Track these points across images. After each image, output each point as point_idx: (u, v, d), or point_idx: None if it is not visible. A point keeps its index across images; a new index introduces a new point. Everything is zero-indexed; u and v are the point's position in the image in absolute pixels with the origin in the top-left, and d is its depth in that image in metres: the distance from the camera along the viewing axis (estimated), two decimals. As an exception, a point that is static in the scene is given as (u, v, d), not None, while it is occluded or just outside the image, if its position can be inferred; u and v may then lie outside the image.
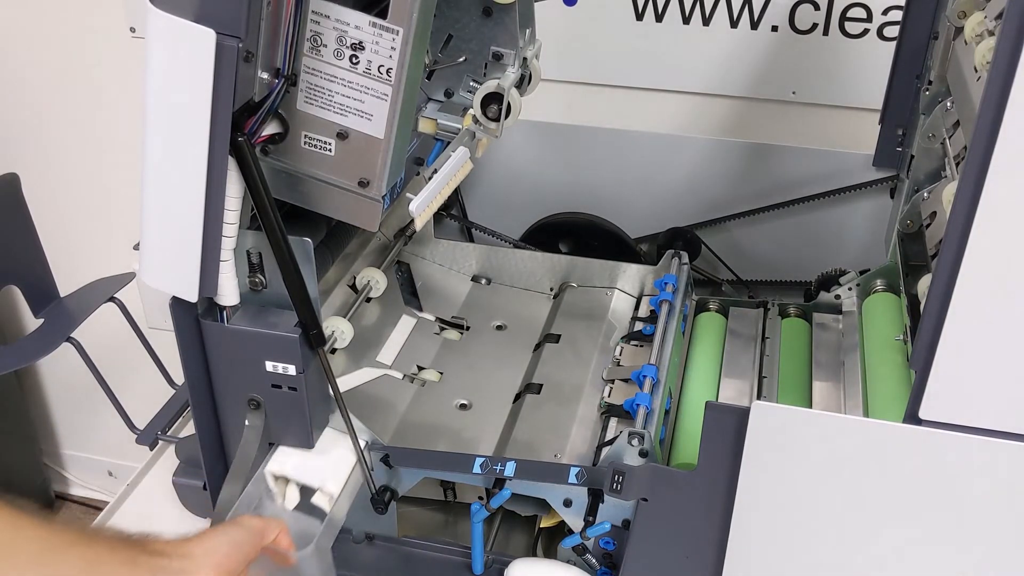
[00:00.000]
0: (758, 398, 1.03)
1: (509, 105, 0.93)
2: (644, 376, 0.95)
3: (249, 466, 0.86)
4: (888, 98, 1.16)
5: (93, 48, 1.73)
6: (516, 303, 1.22)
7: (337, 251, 1.06)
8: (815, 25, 1.41)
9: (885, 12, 1.37)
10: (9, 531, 0.60)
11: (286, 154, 0.80)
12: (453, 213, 1.34)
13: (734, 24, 1.43)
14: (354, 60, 0.77)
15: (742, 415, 0.73)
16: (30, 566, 0.60)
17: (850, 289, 1.14)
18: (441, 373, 1.09)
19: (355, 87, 0.78)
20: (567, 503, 0.86)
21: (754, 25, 1.43)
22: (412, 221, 0.86)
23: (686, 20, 1.45)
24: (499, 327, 1.18)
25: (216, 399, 0.88)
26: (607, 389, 1.03)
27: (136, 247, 0.79)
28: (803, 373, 1.05)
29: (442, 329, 1.16)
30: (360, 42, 0.76)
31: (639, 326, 1.11)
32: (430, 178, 0.88)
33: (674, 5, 1.44)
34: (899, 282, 1.04)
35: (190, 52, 0.69)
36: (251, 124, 0.75)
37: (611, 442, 0.93)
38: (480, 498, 0.91)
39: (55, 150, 1.87)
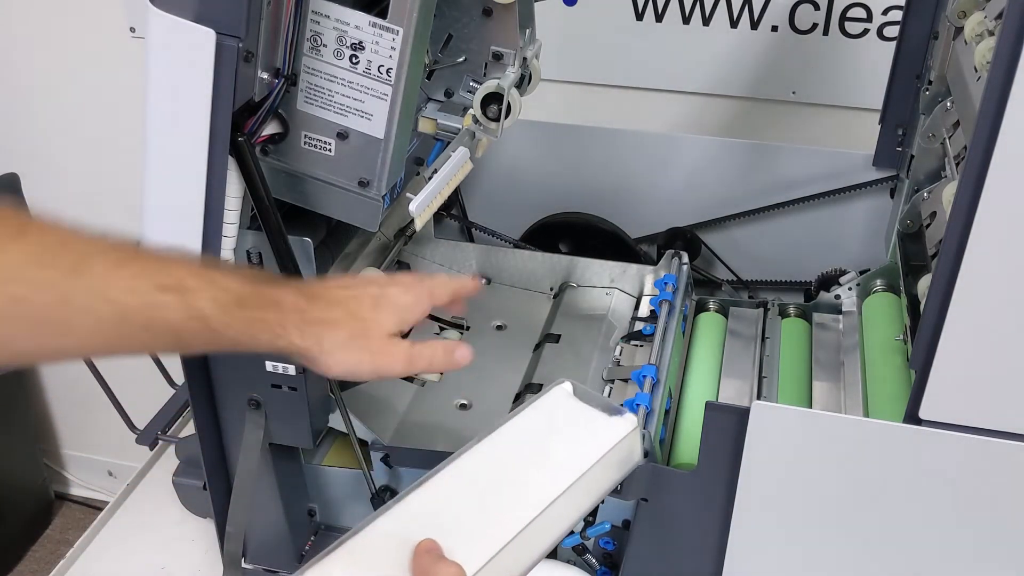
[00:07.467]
0: (758, 398, 1.02)
1: (509, 105, 0.93)
2: (644, 376, 0.95)
3: (252, 471, 0.86)
4: (888, 98, 1.16)
5: (93, 48, 1.73)
6: (516, 303, 1.22)
7: (337, 251, 1.06)
8: (815, 25, 1.41)
9: (885, 12, 1.37)
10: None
11: (286, 154, 0.81)
12: (453, 213, 1.34)
13: (734, 24, 1.43)
14: (354, 60, 0.77)
15: (742, 415, 0.73)
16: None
17: (850, 289, 1.14)
18: (441, 373, 1.08)
19: (355, 87, 0.78)
20: (567, 503, 0.86)
21: (754, 25, 1.43)
22: (412, 221, 0.86)
23: (686, 20, 1.45)
24: (499, 327, 1.18)
25: (216, 399, 0.88)
26: (607, 389, 1.03)
27: (136, 247, 0.79)
28: (803, 373, 1.05)
29: (442, 329, 1.16)
30: (360, 42, 0.77)
31: (639, 326, 1.11)
32: (430, 178, 0.88)
33: (674, 5, 1.44)
34: (899, 282, 1.03)
35: (190, 52, 0.69)
36: (251, 124, 0.75)
37: (611, 442, 0.93)
38: (480, 498, 0.91)
39: (55, 150, 1.87)
